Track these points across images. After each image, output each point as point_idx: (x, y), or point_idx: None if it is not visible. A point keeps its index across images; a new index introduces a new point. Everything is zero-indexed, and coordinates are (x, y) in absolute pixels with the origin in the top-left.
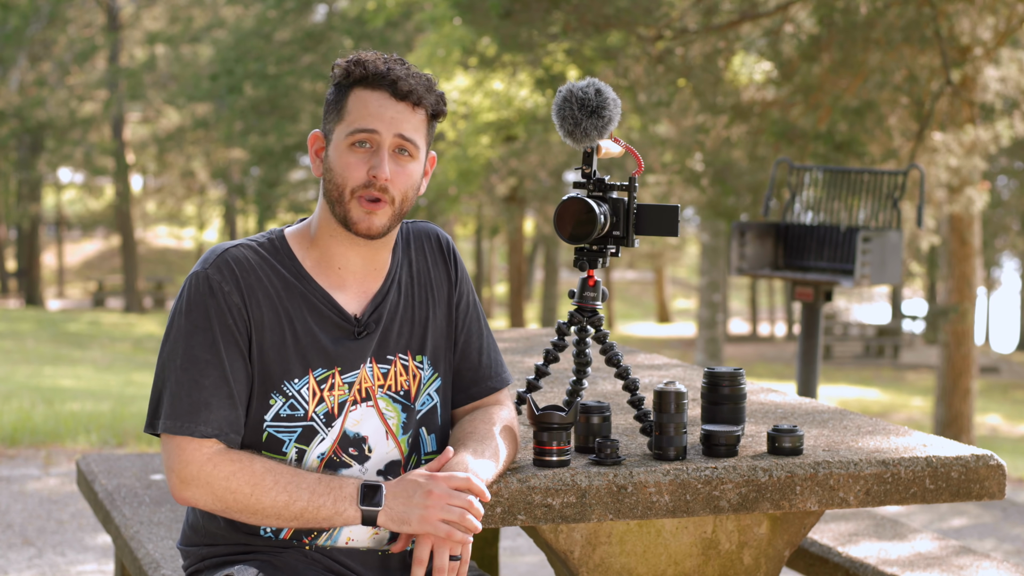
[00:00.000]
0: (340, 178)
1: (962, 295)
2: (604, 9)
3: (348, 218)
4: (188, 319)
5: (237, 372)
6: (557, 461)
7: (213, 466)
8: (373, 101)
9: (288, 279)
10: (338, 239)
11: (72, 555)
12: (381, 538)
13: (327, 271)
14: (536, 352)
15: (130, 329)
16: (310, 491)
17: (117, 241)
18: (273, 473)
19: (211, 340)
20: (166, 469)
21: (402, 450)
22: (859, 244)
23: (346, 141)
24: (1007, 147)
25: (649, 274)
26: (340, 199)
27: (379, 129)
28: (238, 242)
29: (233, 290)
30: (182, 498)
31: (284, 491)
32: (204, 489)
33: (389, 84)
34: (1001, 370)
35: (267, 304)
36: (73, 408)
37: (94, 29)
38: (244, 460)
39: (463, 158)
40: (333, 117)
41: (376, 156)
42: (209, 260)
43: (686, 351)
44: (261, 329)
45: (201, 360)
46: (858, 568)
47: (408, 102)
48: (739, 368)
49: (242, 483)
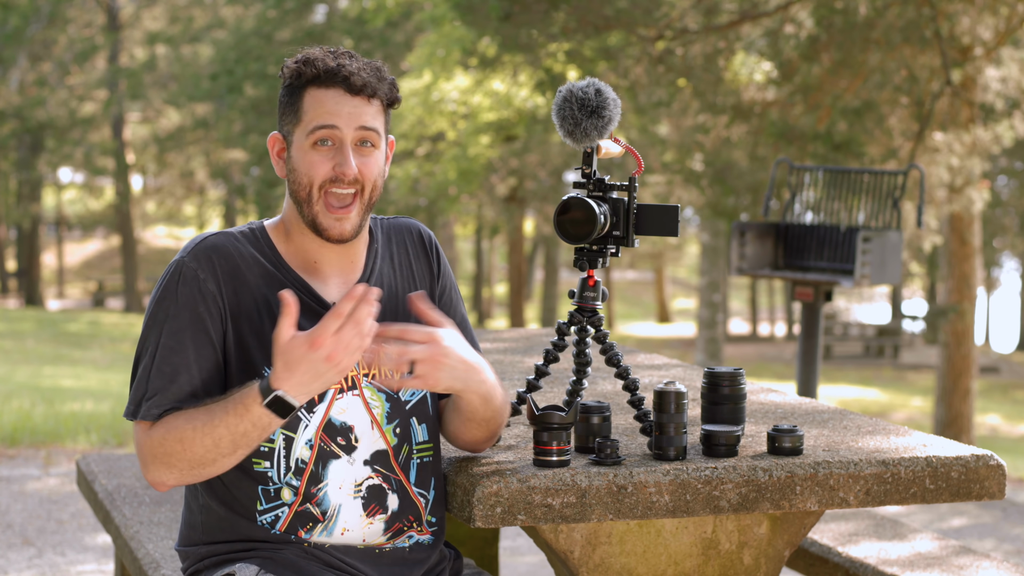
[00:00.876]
0: (305, 177)
1: (962, 295)
2: (604, 10)
3: (317, 224)
4: (159, 306)
5: (203, 360)
6: (557, 461)
7: (149, 438)
8: (329, 99)
9: (268, 268)
10: (310, 237)
11: (72, 555)
12: (375, 530)
13: (304, 263)
14: (536, 352)
15: (130, 329)
16: (223, 423)
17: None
18: (190, 421)
19: (177, 327)
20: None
21: (387, 440)
22: (859, 244)
23: (307, 141)
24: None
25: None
26: (308, 199)
27: (339, 125)
28: (219, 231)
29: (209, 277)
30: (152, 482)
31: (205, 434)
32: (156, 463)
33: (342, 80)
34: (1001, 370)
35: (245, 292)
36: (73, 408)
37: (94, 29)
38: (168, 420)
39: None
40: (290, 119)
41: (340, 153)
42: (188, 248)
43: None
44: (238, 317)
45: (165, 347)
46: (858, 568)
47: (363, 95)
48: (739, 368)
49: (173, 442)
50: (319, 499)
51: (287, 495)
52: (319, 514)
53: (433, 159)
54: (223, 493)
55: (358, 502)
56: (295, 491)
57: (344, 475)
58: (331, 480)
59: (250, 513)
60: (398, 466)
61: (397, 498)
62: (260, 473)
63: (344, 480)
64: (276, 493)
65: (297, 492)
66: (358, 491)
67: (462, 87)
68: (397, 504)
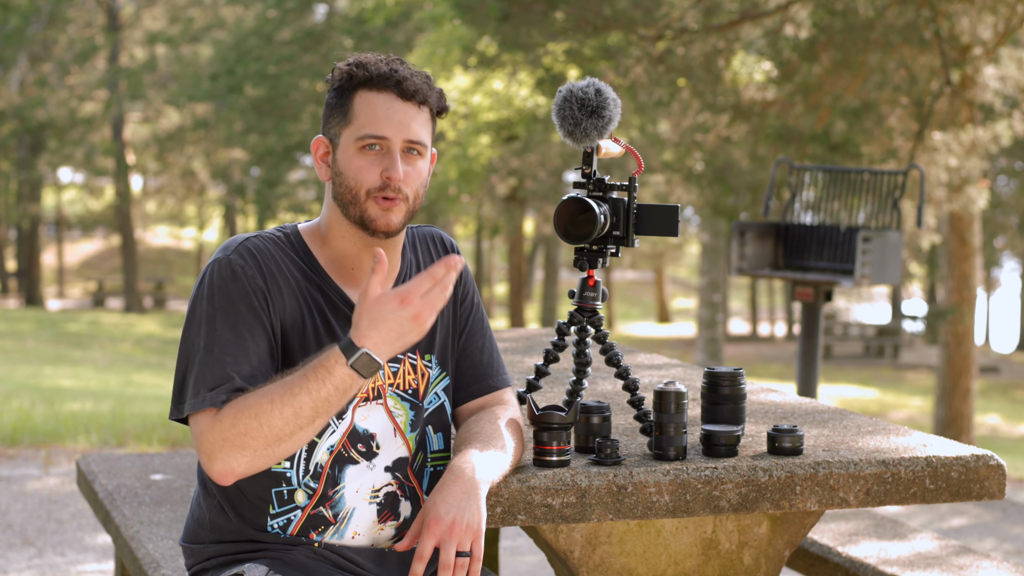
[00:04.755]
0: (353, 181)
1: (962, 295)
2: (603, 10)
3: (365, 217)
4: (211, 303)
5: (262, 352)
6: (557, 461)
7: (219, 422)
8: (380, 103)
9: (306, 271)
10: (351, 240)
11: (72, 555)
12: (386, 535)
13: (340, 270)
14: (536, 352)
15: (130, 329)
16: (303, 390)
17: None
18: (265, 395)
19: (234, 321)
20: (197, 452)
21: (410, 447)
22: (859, 244)
23: (356, 145)
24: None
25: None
26: (355, 200)
27: (389, 133)
28: (256, 233)
29: (256, 274)
30: (219, 474)
31: (285, 404)
32: (226, 449)
33: (394, 85)
34: (1001, 370)
35: (288, 292)
36: (73, 408)
37: (94, 29)
38: (238, 401)
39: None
40: (338, 121)
41: (388, 158)
42: (231, 247)
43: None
44: (283, 315)
45: (225, 340)
46: (858, 568)
47: (414, 101)
48: (739, 368)
49: (248, 419)
50: (334, 501)
51: (301, 498)
52: (331, 516)
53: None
54: (235, 495)
55: (373, 507)
56: (310, 494)
57: (362, 480)
58: (348, 483)
59: (261, 517)
60: (412, 474)
61: (410, 505)
62: (279, 473)
63: (362, 484)
64: (290, 496)
65: (313, 494)
66: (375, 497)
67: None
68: (410, 511)
